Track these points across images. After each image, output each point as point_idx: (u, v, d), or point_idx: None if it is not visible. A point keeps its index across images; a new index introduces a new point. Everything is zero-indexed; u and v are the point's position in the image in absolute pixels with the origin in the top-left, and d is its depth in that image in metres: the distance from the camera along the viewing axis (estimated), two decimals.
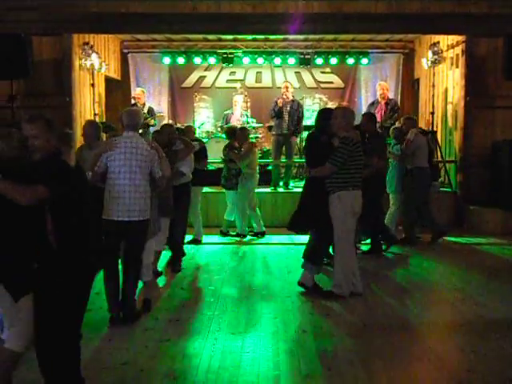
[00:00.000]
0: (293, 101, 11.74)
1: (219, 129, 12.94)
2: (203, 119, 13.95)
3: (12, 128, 3.85)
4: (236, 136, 9.74)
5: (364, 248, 8.83)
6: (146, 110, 11.94)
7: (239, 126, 10.79)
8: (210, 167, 10.83)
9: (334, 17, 10.52)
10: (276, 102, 11.59)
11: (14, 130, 3.81)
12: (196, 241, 9.30)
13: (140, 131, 11.59)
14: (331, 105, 14.01)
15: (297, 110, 11.60)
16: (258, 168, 10.00)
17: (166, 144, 7.14)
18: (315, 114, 12.51)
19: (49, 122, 3.79)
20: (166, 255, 7.89)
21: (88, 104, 11.57)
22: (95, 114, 11.56)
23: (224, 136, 10.86)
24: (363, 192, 7.95)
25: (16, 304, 3.64)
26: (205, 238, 9.50)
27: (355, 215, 6.43)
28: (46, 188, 3.54)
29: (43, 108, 10.19)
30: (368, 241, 8.84)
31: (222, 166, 10.04)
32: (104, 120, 12.12)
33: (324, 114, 6.69)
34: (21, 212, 3.58)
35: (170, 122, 12.51)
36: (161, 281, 7.24)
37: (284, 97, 11.65)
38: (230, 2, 10.40)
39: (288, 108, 11.53)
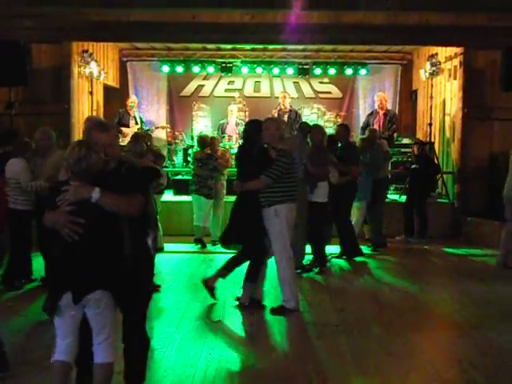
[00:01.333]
0: (290, 111, 11.81)
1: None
2: (201, 128, 13.94)
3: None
4: (209, 144, 9.94)
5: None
6: (138, 117, 12.10)
7: (210, 136, 10.79)
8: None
9: (332, 27, 10.57)
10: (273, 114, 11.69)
11: (100, 142, 3.65)
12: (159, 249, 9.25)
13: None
14: (329, 115, 14.06)
15: (295, 120, 11.66)
16: None
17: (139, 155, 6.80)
18: (313, 123, 12.67)
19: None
20: None
21: (86, 112, 11.56)
22: None
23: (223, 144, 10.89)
24: (337, 198, 8.44)
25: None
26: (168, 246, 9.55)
27: (291, 228, 6.29)
28: (142, 196, 3.60)
29: (41, 115, 10.22)
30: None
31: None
32: None
33: (254, 126, 6.45)
34: (111, 222, 3.53)
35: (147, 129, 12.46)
36: None
37: (282, 107, 11.72)
38: (229, 12, 10.43)
39: (286, 118, 11.59)
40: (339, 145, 9.02)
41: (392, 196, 11.50)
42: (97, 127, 3.76)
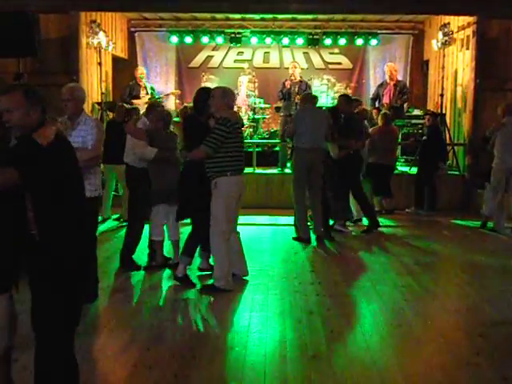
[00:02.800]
0: (301, 81, 11.69)
1: None
2: None
3: None
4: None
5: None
6: (148, 88, 12.04)
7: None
8: None
9: None
10: (284, 84, 11.56)
11: None
12: None
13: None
14: (339, 86, 13.93)
15: (305, 91, 11.53)
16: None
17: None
18: (324, 94, 12.54)
19: (27, 92, 3.31)
20: None
21: (95, 83, 11.52)
22: (102, 93, 11.52)
23: None
24: (340, 173, 8.40)
25: None
26: None
27: (232, 204, 5.94)
28: (15, 171, 3.12)
29: (50, 86, 10.14)
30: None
31: None
32: (111, 99, 12.08)
33: (202, 94, 6.21)
34: None
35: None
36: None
37: (292, 78, 11.61)
38: None
39: (296, 89, 11.48)
40: (342, 116, 8.75)
41: (402, 168, 11.43)
42: (70, 94, 3.58)
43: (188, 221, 6.55)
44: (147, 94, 12.08)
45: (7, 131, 3.35)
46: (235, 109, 11.90)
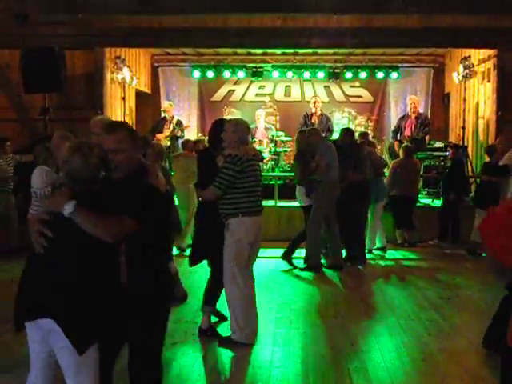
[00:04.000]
0: (322, 115, 11.80)
1: None
2: None
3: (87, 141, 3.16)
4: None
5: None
6: (174, 123, 12.15)
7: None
8: None
9: (363, 31, 10.52)
10: (310, 117, 11.73)
11: (94, 143, 3.12)
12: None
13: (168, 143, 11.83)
14: (360, 119, 13.98)
15: (326, 125, 11.67)
16: None
17: None
18: (344, 127, 12.61)
19: (132, 131, 3.21)
20: None
21: (119, 117, 11.69)
22: None
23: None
24: (342, 204, 8.30)
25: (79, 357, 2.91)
26: None
27: (244, 247, 5.34)
28: (134, 220, 2.92)
29: (75, 121, 10.35)
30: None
31: None
32: None
33: (217, 127, 5.66)
34: (93, 247, 2.90)
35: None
36: None
37: (313, 111, 11.77)
38: (260, 16, 10.45)
39: (317, 122, 11.61)
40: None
41: (424, 200, 11.39)
42: (101, 128, 3.35)
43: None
44: (169, 128, 12.24)
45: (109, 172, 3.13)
46: (256, 142, 12.14)
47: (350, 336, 5.72)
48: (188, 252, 9.04)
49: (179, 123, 12.40)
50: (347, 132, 9.13)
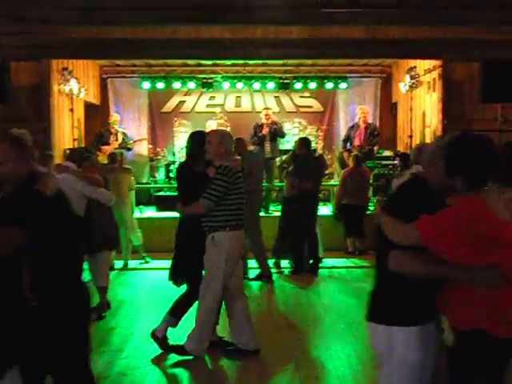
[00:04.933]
0: (271, 123, 11.91)
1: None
2: (183, 144, 13.88)
3: None
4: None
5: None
6: (121, 135, 12.10)
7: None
8: None
9: (312, 42, 10.63)
10: (258, 128, 11.80)
11: None
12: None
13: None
14: (310, 128, 14.10)
15: (274, 133, 11.80)
16: None
17: None
18: (295, 137, 12.73)
19: (16, 141, 3.11)
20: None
21: (67, 129, 11.51)
22: (74, 139, 11.51)
23: None
24: (287, 211, 8.76)
25: None
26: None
27: (233, 261, 5.33)
28: (22, 230, 2.83)
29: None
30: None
31: None
32: (83, 145, 12.08)
33: (197, 139, 5.54)
34: None
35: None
36: None
37: (267, 122, 11.85)
38: (209, 28, 10.45)
39: (268, 132, 11.70)
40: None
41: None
42: None
43: None
44: (117, 140, 12.12)
45: None
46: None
47: (300, 344, 5.73)
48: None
49: (125, 135, 12.36)
50: (303, 141, 9.25)
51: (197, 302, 5.45)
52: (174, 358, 5.46)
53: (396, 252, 2.82)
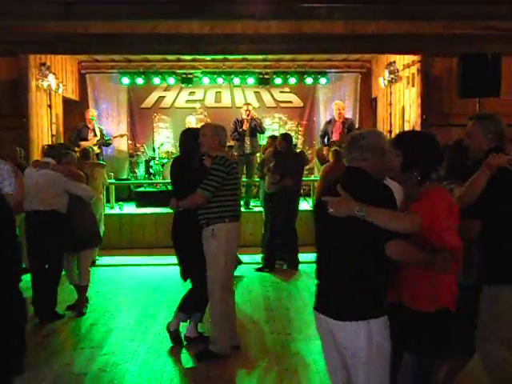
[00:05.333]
0: (251, 119, 11.89)
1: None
2: (162, 139, 13.90)
3: None
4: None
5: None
6: (98, 130, 12.02)
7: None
8: None
9: (291, 37, 10.63)
10: (238, 124, 11.77)
11: None
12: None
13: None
14: (291, 124, 14.12)
15: (254, 129, 11.80)
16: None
17: None
18: (275, 133, 12.73)
19: None
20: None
21: (45, 125, 11.39)
22: (52, 135, 11.41)
23: None
24: (268, 207, 8.86)
25: None
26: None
27: (232, 253, 5.44)
28: None
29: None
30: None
31: None
32: (62, 141, 11.97)
33: (190, 135, 5.66)
34: None
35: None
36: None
37: (248, 117, 11.83)
38: (188, 23, 10.40)
39: (248, 128, 11.69)
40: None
41: None
42: None
43: None
44: (95, 135, 12.04)
45: None
46: None
47: (280, 339, 5.75)
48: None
49: (101, 131, 12.31)
50: (285, 137, 9.28)
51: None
52: (152, 355, 5.45)
53: (400, 241, 2.92)
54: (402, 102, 12.18)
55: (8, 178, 4.93)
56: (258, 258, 9.30)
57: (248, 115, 11.97)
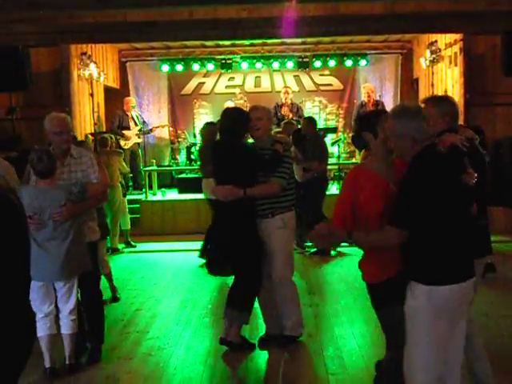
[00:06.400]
0: (292, 104, 11.83)
1: None
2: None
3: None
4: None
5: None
6: (138, 118, 12.20)
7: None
8: None
9: (330, 19, 10.51)
10: (278, 108, 11.74)
11: None
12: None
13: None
14: (331, 107, 14.00)
15: (297, 113, 11.72)
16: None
17: None
18: (316, 116, 12.63)
19: None
20: None
21: (87, 114, 11.57)
22: (95, 124, 11.57)
23: None
24: (304, 196, 8.25)
25: None
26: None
27: (293, 242, 5.53)
28: None
29: (43, 119, 10.19)
30: None
31: None
32: (104, 129, 12.14)
33: (237, 115, 5.20)
34: None
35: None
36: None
37: (283, 101, 11.77)
38: (226, 8, 10.37)
39: (288, 112, 11.64)
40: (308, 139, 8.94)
41: None
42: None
43: None
44: (136, 124, 12.18)
45: None
46: None
47: (325, 323, 5.75)
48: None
49: (141, 118, 12.49)
50: (310, 121, 9.17)
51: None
52: (197, 339, 5.50)
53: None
54: (444, 82, 11.96)
55: (92, 166, 4.89)
56: None
57: (286, 98, 11.90)
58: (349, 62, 13.60)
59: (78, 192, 4.59)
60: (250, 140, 5.31)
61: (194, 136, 13.49)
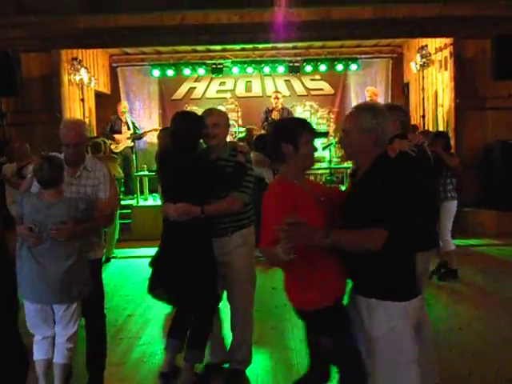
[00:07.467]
0: (283, 109, 11.83)
1: None
2: None
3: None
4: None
5: None
6: (130, 123, 12.13)
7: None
8: None
9: (321, 24, 10.54)
10: (268, 113, 11.73)
11: None
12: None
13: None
14: (322, 111, 14.00)
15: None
16: None
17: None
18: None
19: None
20: None
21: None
22: None
23: None
24: None
25: None
26: None
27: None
28: None
29: (34, 125, 10.20)
30: None
31: None
32: (95, 134, 12.11)
33: (194, 121, 4.35)
34: None
35: None
36: None
37: (278, 106, 11.78)
38: (217, 13, 10.40)
39: (278, 117, 11.63)
40: None
41: None
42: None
43: None
44: (128, 129, 12.16)
45: None
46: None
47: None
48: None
49: (133, 124, 12.46)
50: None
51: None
52: None
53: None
54: (434, 86, 12.03)
55: (104, 183, 4.39)
56: None
57: (276, 103, 11.91)
58: (339, 67, 13.64)
59: (83, 209, 4.09)
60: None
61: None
